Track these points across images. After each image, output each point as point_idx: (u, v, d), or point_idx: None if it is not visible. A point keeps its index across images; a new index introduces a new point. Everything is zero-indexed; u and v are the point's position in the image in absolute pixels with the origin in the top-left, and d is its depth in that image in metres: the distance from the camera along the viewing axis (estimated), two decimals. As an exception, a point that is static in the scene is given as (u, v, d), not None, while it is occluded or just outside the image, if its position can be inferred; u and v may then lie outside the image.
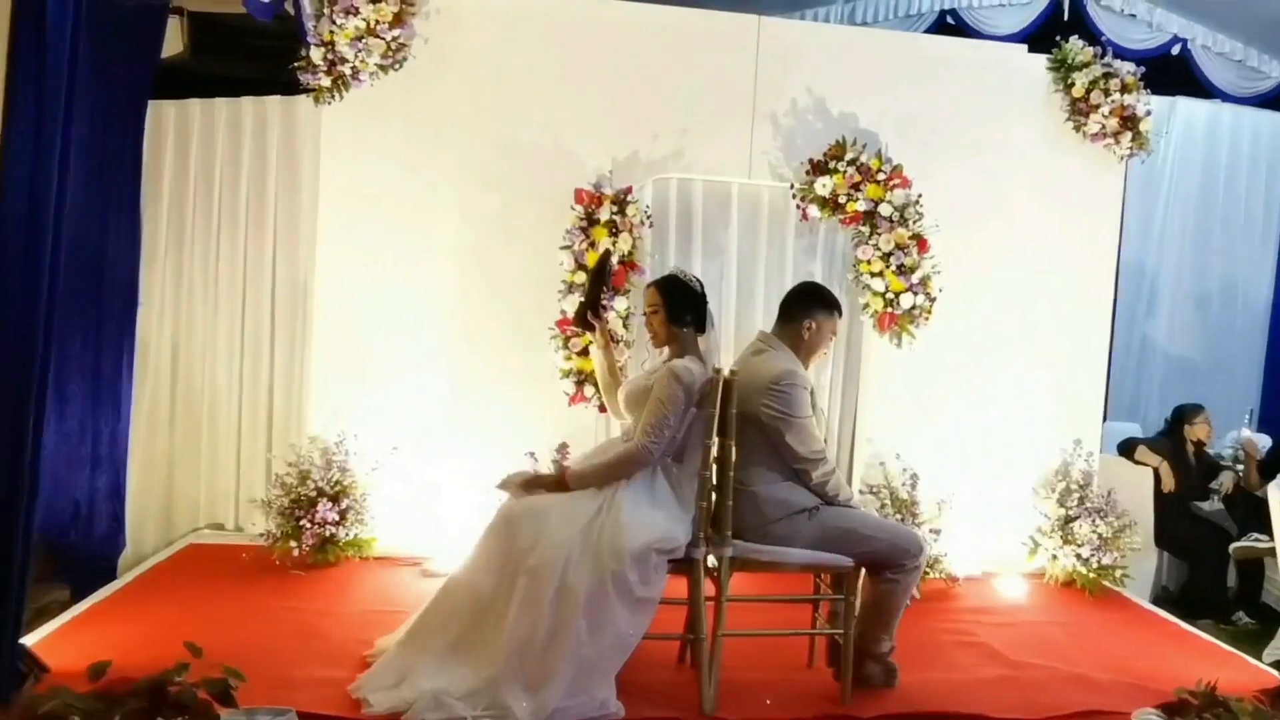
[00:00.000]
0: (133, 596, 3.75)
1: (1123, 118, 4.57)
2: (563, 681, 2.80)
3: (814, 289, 3.44)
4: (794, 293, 3.41)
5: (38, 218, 2.48)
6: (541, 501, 3.02)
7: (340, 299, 4.42)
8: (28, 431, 2.47)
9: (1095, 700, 3.18)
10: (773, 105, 4.53)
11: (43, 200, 2.49)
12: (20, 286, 2.47)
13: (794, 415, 3.11)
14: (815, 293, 3.39)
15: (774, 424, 3.10)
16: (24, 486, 2.46)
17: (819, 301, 3.33)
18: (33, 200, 2.47)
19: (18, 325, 2.46)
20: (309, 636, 3.39)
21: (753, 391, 3.11)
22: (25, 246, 2.47)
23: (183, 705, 2.42)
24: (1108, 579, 4.44)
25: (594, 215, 4.28)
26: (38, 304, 2.48)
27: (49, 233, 2.49)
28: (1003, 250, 4.65)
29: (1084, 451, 4.68)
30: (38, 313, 2.47)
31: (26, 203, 2.47)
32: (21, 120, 2.48)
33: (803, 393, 3.15)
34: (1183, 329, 6.55)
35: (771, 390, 3.10)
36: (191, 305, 4.67)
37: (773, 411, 3.10)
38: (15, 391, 2.45)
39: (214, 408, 4.70)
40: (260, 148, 4.65)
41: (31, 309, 2.47)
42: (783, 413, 3.10)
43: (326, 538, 4.15)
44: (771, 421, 3.10)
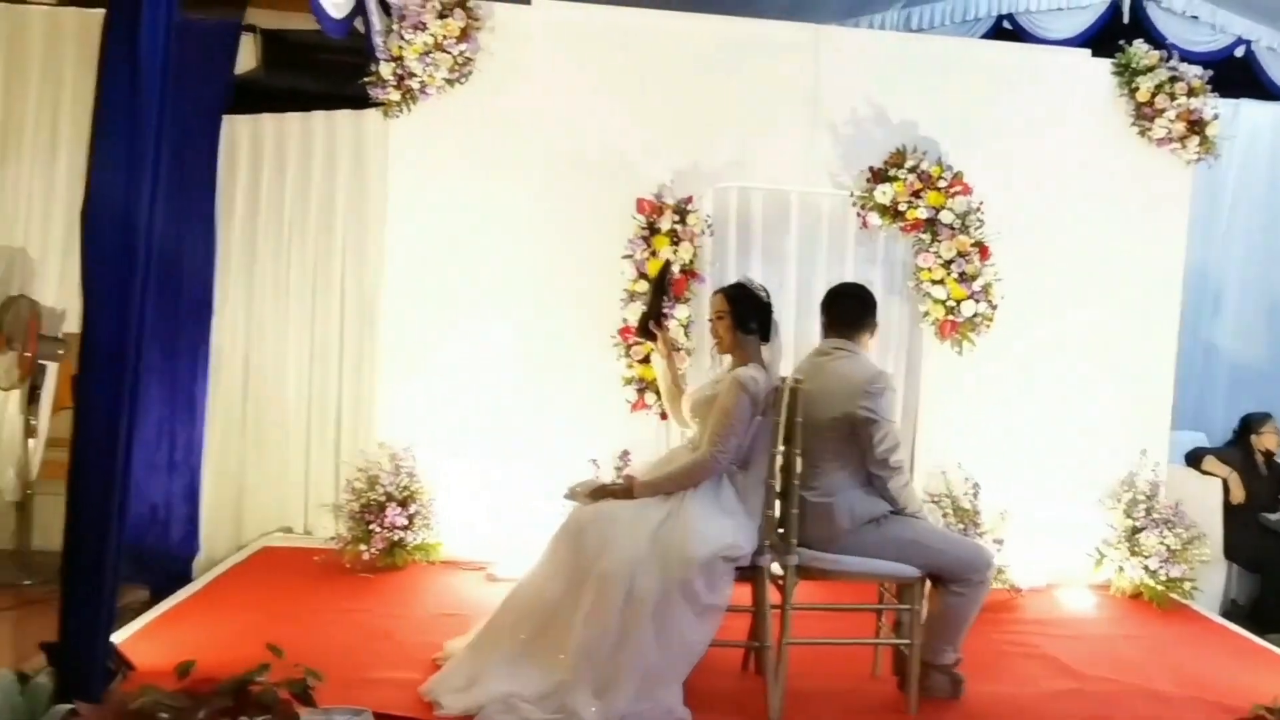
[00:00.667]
0: (210, 598, 3.86)
1: (1189, 121, 4.50)
2: (630, 687, 2.83)
3: (861, 291, 3.45)
4: (857, 299, 3.39)
5: (130, 231, 2.58)
6: (610, 509, 3.06)
7: (407, 308, 4.51)
8: (120, 437, 2.57)
9: (1168, 715, 3.15)
10: (832, 113, 4.54)
11: (135, 214, 2.59)
12: (114, 297, 2.56)
13: (884, 418, 3.12)
14: (866, 295, 3.41)
15: (869, 426, 3.09)
16: (115, 491, 2.56)
17: (873, 305, 3.38)
18: (126, 214, 2.57)
19: (112, 334, 2.56)
20: (380, 638, 3.47)
21: (841, 394, 3.11)
22: (119, 259, 2.56)
23: (265, 705, 2.49)
24: (1176, 592, 4.36)
25: (655, 224, 4.33)
26: (130, 314, 2.57)
27: (140, 245, 2.59)
28: (1066, 257, 4.60)
29: (1151, 461, 4.61)
30: (130, 323, 2.57)
31: (120, 216, 2.57)
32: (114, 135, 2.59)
33: (894, 396, 3.18)
34: (1248, 335, 6.39)
35: (868, 392, 3.11)
36: (262, 315, 4.79)
37: (870, 413, 3.10)
38: (110, 398, 2.55)
39: (283, 414, 4.79)
40: (330, 161, 4.75)
41: (124, 319, 2.57)
42: (879, 414, 3.10)
43: (395, 542, 4.24)
44: (867, 424, 3.09)
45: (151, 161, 2.62)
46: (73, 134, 4.49)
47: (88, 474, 2.57)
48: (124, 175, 2.58)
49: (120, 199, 2.57)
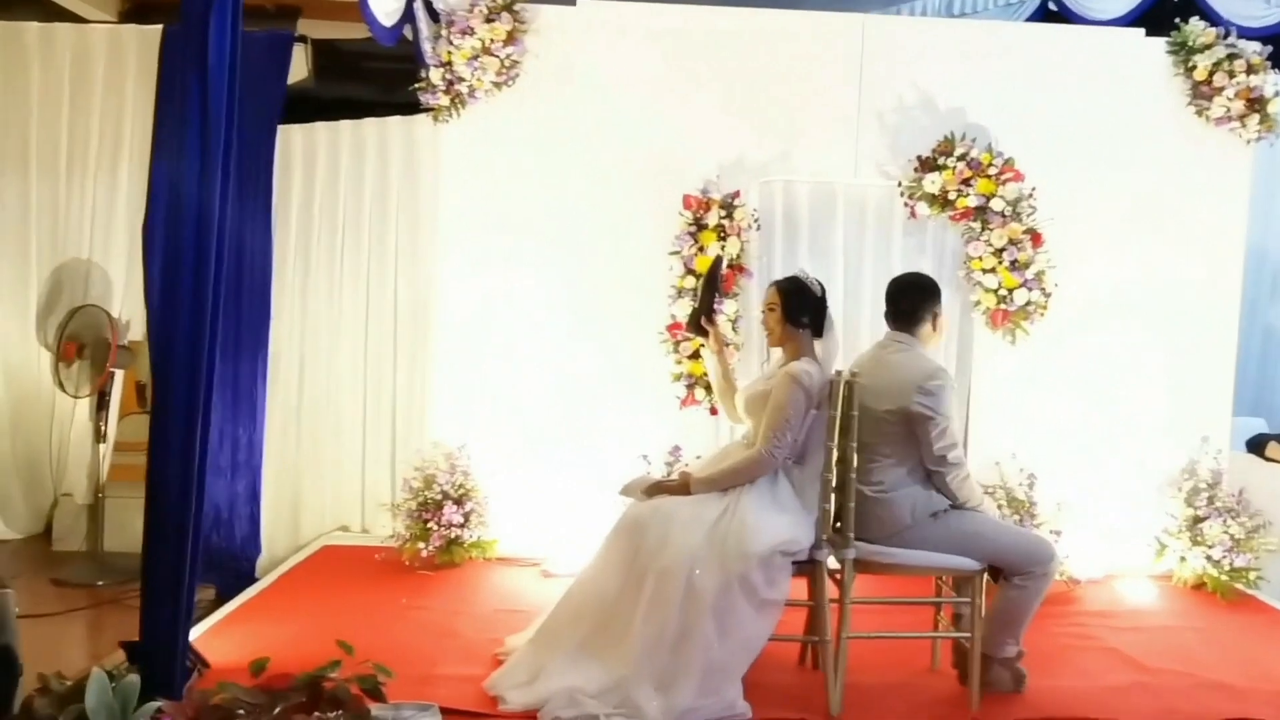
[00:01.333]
0: (276, 596, 3.96)
1: (1249, 100, 4.40)
2: (692, 682, 2.86)
3: (926, 281, 3.39)
4: (911, 288, 3.34)
5: (205, 237, 2.66)
6: (667, 504, 3.08)
7: (460, 309, 4.57)
8: (196, 440, 2.65)
9: (1238, 708, 3.08)
10: (878, 103, 4.52)
11: (209, 221, 2.66)
12: (191, 304, 2.65)
13: (943, 414, 3.10)
14: (930, 285, 3.35)
15: (924, 423, 3.08)
16: (193, 492, 2.64)
17: (934, 292, 3.31)
18: (200, 221, 2.65)
19: (188, 341, 2.64)
20: (443, 635, 3.53)
21: (899, 389, 3.10)
22: (194, 267, 2.64)
23: (338, 700, 2.55)
24: (1241, 581, 4.28)
25: (702, 220, 4.35)
26: (204, 320, 2.65)
27: (213, 252, 2.67)
28: (1122, 241, 4.53)
29: (1213, 448, 4.53)
30: (204, 328, 2.65)
31: (195, 223, 2.65)
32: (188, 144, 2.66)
33: (952, 393, 3.15)
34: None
35: (926, 388, 3.09)
36: (317, 318, 4.87)
37: (926, 409, 3.08)
38: (186, 402, 2.63)
39: (339, 416, 4.88)
40: (382, 166, 4.83)
41: (199, 325, 2.65)
42: (936, 411, 3.09)
43: (452, 539, 4.30)
44: (923, 419, 3.08)
45: (222, 169, 2.69)
46: (135, 147, 4.62)
47: (166, 477, 2.65)
48: (198, 183, 2.66)
49: (195, 206, 2.65)
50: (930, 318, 3.27)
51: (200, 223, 2.69)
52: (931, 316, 3.27)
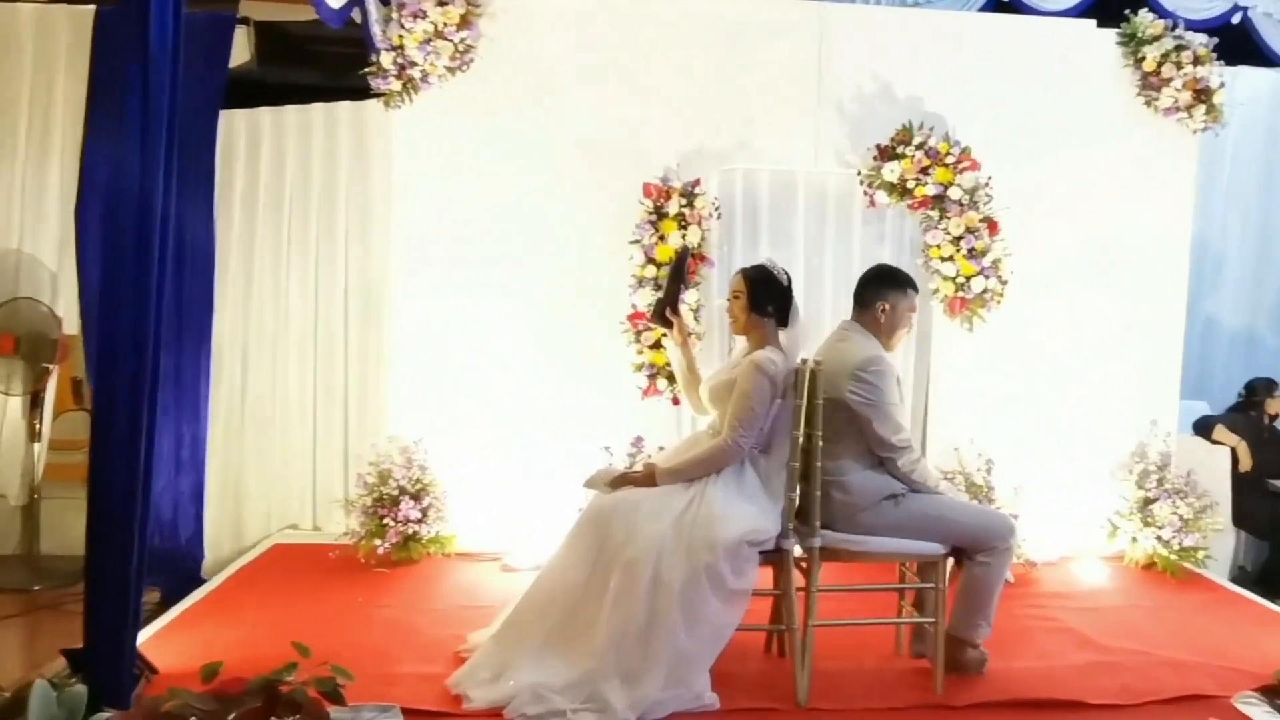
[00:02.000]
0: (225, 597, 3.83)
1: (1196, 90, 4.49)
2: (660, 674, 2.83)
3: (884, 270, 3.42)
4: (865, 277, 3.38)
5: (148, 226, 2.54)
6: (633, 496, 3.04)
7: (415, 301, 4.47)
8: (141, 437, 2.53)
9: (1192, 684, 3.14)
10: (837, 92, 4.51)
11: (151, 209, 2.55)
12: (133, 296, 2.53)
13: (881, 402, 3.10)
14: (886, 274, 3.37)
15: (862, 410, 3.10)
16: (138, 491, 2.53)
17: (890, 282, 3.31)
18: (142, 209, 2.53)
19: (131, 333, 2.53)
20: (402, 633, 3.45)
21: (839, 378, 3.11)
22: (136, 258, 2.53)
23: (295, 704, 2.47)
24: (1189, 561, 4.38)
25: (663, 209, 4.30)
26: (148, 312, 2.54)
27: (155, 244, 2.55)
28: (1075, 230, 4.59)
29: (1162, 431, 4.62)
30: (148, 320, 2.53)
31: (137, 211, 2.53)
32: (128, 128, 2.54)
33: (890, 379, 3.15)
34: (1248, 304, 6.41)
35: (858, 376, 3.10)
36: (261, 310, 4.73)
37: (860, 398, 3.10)
38: (130, 397, 2.52)
39: (286, 411, 4.75)
40: (331, 154, 4.70)
41: (143, 317, 2.53)
42: (870, 399, 3.10)
43: (410, 536, 4.22)
44: (858, 408, 3.10)
45: (165, 156, 2.58)
46: (66, 133, 4.43)
47: (109, 475, 2.54)
48: (139, 171, 2.54)
49: (136, 195, 2.53)
50: (879, 308, 3.26)
51: (142, 212, 2.58)
52: (880, 307, 3.26)
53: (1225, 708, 2.99)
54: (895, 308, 3.28)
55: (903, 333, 3.36)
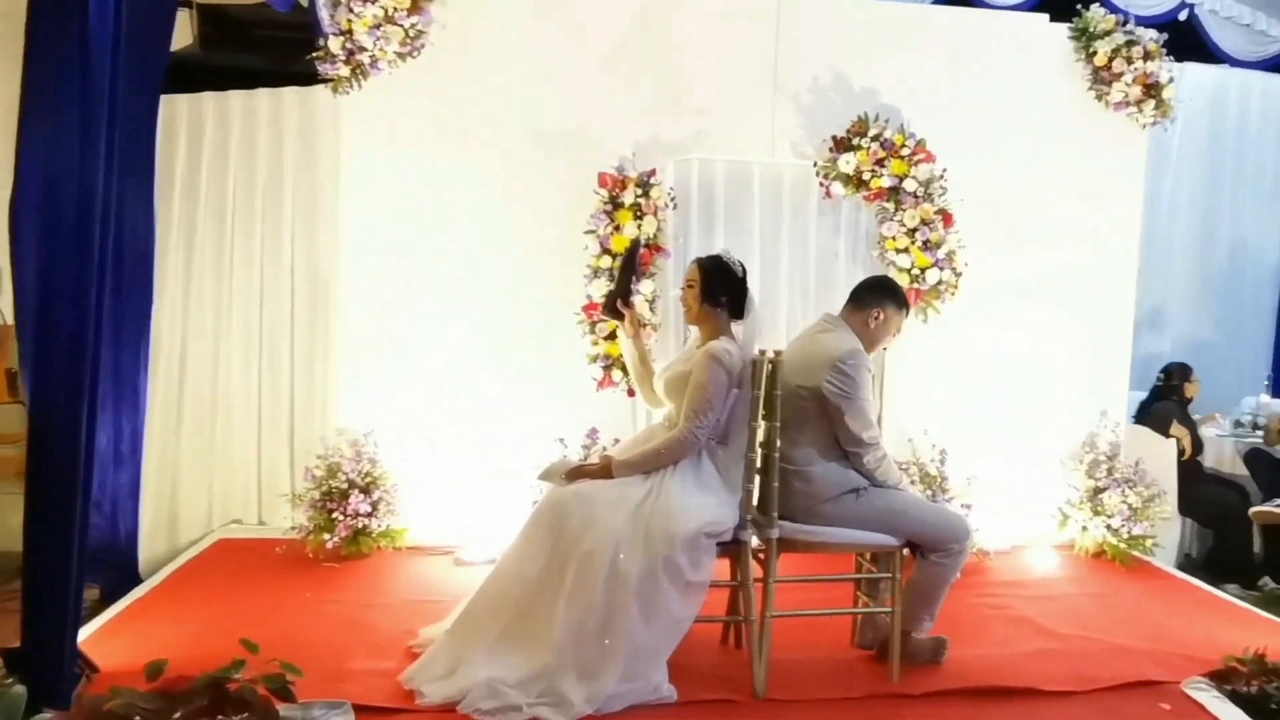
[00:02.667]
0: (170, 594, 3.73)
1: (1145, 85, 4.55)
2: (617, 667, 2.80)
3: (889, 283, 3.45)
4: (870, 283, 3.41)
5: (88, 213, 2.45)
6: (589, 488, 3.00)
7: (364, 289, 4.39)
8: (81, 430, 2.45)
9: (1142, 670, 3.19)
10: (794, 83, 4.50)
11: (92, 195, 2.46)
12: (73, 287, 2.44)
13: (856, 396, 3.10)
14: (890, 288, 3.39)
15: (836, 402, 3.08)
16: (78, 486, 2.44)
17: (891, 296, 3.34)
18: (83, 196, 2.44)
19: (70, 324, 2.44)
20: (353, 628, 3.38)
21: (816, 367, 3.10)
22: (76, 246, 2.44)
23: (244, 702, 2.41)
24: (1138, 549, 4.45)
25: (618, 198, 4.26)
26: (88, 302, 2.45)
27: (96, 232, 2.46)
28: (1028, 222, 4.64)
29: (1111, 422, 4.69)
30: (89, 311, 2.44)
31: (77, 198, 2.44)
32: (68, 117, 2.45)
33: (867, 374, 3.14)
34: (1192, 296, 6.55)
35: (838, 367, 3.09)
36: (202, 300, 4.61)
37: (836, 389, 3.08)
38: (70, 389, 2.43)
39: (229, 404, 4.64)
40: (276, 140, 4.59)
41: (83, 307, 2.44)
42: (845, 391, 3.08)
43: (359, 529, 4.14)
44: (833, 399, 3.08)
45: (106, 141, 2.48)
46: (0, 116, 4.27)
47: (48, 470, 2.45)
48: (79, 157, 2.46)
49: (76, 183, 2.44)
50: (874, 314, 3.27)
51: (82, 200, 2.50)
52: (875, 314, 3.27)
53: (1175, 693, 3.04)
54: (887, 321, 3.30)
55: (882, 347, 3.40)
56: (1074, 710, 2.94)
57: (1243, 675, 3.03)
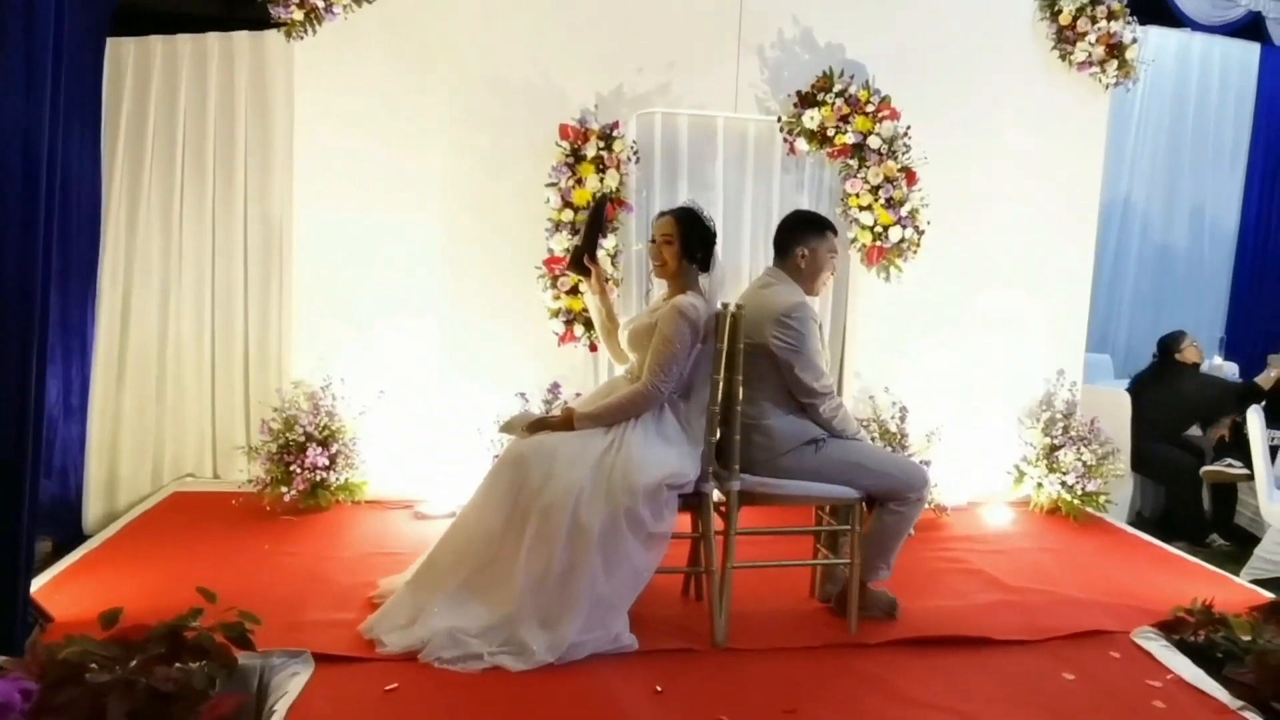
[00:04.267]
0: (126, 546, 3.67)
1: (1109, 45, 4.56)
2: (578, 617, 2.80)
3: (800, 216, 3.40)
4: (782, 224, 3.36)
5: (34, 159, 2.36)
6: (550, 440, 2.99)
7: (320, 240, 4.30)
8: (31, 378, 2.38)
9: (1093, 621, 3.25)
10: (759, 37, 4.45)
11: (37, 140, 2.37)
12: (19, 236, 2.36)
13: (804, 348, 3.10)
14: (803, 220, 3.34)
15: (784, 356, 3.09)
16: (29, 435, 2.38)
17: (807, 227, 3.29)
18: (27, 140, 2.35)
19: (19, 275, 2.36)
20: (312, 580, 3.35)
21: (762, 324, 3.10)
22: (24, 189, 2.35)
23: (202, 649, 2.39)
24: (1091, 505, 4.53)
25: (580, 151, 4.20)
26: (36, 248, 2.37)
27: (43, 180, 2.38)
28: (990, 182, 4.65)
29: (1068, 381, 4.75)
30: (35, 260, 2.37)
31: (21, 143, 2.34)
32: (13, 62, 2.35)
33: (812, 325, 3.14)
34: (1151, 258, 6.64)
35: (782, 322, 3.09)
36: (149, 250, 4.49)
37: (783, 343, 3.09)
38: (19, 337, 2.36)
39: (180, 355, 4.55)
40: (228, 86, 4.47)
41: (29, 257, 2.37)
42: (793, 344, 3.09)
43: (317, 482, 4.10)
44: (781, 354, 3.09)
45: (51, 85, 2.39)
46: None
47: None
48: (23, 103, 2.36)
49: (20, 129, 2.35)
50: (798, 254, 3.24)
51: (27, 146, 2.41)
52: (800, 253, 3.24)
53: (1124, 643, 3.10)
54: (815, 252, 3.26)
55: (825, 276, 3.33)
56: (1026, 659, 2.99)
57: (1190, 625, 3.10)
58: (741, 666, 2.87)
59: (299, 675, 2.59)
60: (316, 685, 2.56)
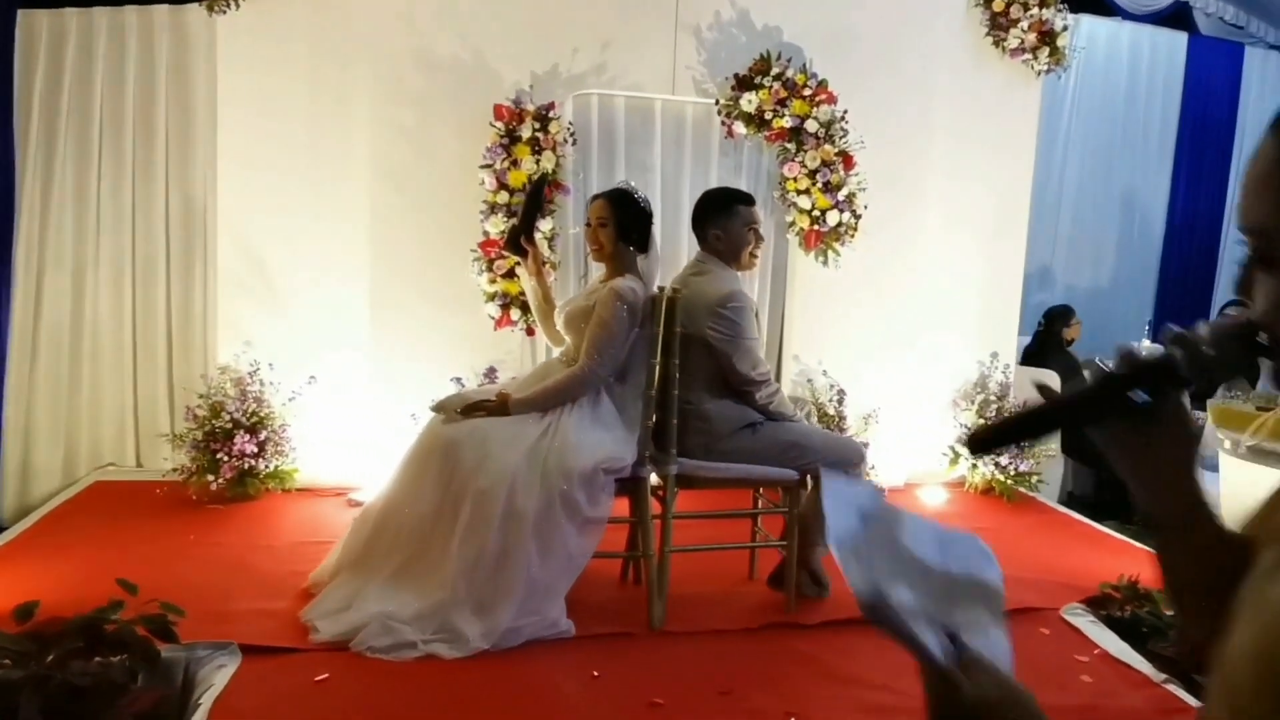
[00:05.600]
0: (42, 537, 3.53)
1: (1041, 32, 4.61)
2: (513, 603, 2.77)
3: (705, 199, 3.34)
4: (694, 211, 3.31)
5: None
6: (484, 425, 2.94)
7: (245, 220, 4.18)
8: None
9: (1025, 598, 3.29)
10: (696, 17, 4.42)
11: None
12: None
13: (740, 337, 3.09)
14: (709, 201, 3.30)
15: (721, 347, 3.07)
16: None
17: (714, 207, 3.24)
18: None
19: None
20: (239, 570, 3.26)
21: (698, 313, 3.07)
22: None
23: (122, 642, 2.30)
24: (1024, 485, 4.61)
25: (515, 132, 4.13)
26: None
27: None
28: (925, 166, 4.68)
29: (1001, 364, 4.82)
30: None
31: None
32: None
33: (749, 314, 3.13)
34: (1083, 244, 6.77)
35: (718, 312, 3.07)
36: (62, 230, 4.29)
37: (719, 334, 3.07)
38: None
39: (98, 340, 4.37)
40: (147, 61, 4.30)
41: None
42: (728, 334, 3.07)
43: (245, 470, 3.99)
44: (718, 344, 3.07)
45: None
46: None
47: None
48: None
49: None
50: (713, 236, 3.20)
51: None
52: (714, 235, 3.20)
53: (1054, 619, 3.16)
54: (728, 232, 3.21)
55: (749, 249, 3.25)
56: (959, 636, 3.02)
57: (1117, 601, 3.17)
58: (678, 649, 2.86)
59: (225, 667, 2.52)
60: (244, 677, 2.49)
